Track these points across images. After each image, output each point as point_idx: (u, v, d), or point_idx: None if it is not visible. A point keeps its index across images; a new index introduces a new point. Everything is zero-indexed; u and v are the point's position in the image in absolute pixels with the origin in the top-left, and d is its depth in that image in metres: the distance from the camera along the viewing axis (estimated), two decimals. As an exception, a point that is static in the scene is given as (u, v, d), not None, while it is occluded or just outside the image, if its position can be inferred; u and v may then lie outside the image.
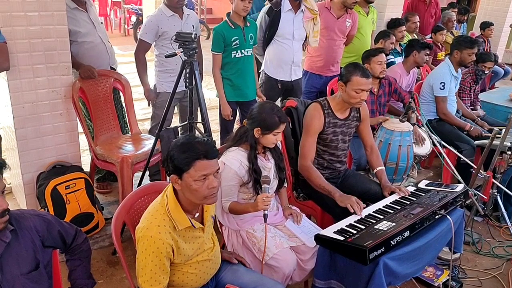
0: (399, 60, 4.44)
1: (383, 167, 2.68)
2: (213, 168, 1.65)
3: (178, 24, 3.24)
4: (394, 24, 4.72)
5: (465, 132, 3.84)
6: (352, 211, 2.25)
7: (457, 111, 4.11)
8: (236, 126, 3.80)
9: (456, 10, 6.37)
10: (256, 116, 2.20)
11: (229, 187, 2.17)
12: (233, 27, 3.29)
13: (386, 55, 3.96)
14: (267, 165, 2.29)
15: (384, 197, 2.47)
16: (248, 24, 3.40)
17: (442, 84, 3.82)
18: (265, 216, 2.04)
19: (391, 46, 4.32)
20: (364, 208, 2.29)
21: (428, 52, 4.14)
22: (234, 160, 2.17)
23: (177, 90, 2.80)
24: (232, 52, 3.36)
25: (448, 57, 4.00)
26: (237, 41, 3.33)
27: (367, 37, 4.44)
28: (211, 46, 3.36)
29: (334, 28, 3.95)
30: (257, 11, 3.53)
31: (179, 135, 2.83)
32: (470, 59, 3.89)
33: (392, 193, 2.48)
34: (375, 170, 2.68)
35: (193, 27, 3.35)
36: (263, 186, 2.10)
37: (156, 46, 3.33)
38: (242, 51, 3.40)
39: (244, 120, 2.29)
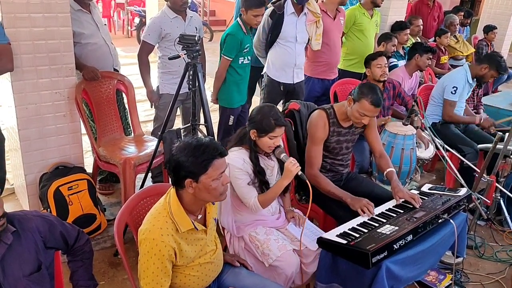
0: (402, 63, 4.44)
1: (393, 169, 2.62)
2: (226, 164, 1.72)
3: (181, 26, 3.24)
4: (399, 27, 4.72)
5: (476, 125, 3.84)
6: (364, 214, 2.26)
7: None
8: None
9: (462, 14, 6.34)
10: (253, 118, 2.20)
11: (243, 183, 2.16)
12: (246, 33, 3.35)
13: (388, 57, 3.95)
14: (270, 164, 2.29)
15: (386, 200, 2.46)
16: (251, 32, 3.47)
17: (455, 88, 3.77)
18: (301, 175, 2.11)
19: (392, 48, 4.32)
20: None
21: (431, 56, 4.13)
22: (237, 158, 2.17)
23: (180, 92, 2.81)
24: (240, 58, 3.40)
25: (469, 64, 3.93)
26: (247, 48, 3.39)
27: (371, 40, 4.44)
28: (223, 49, 3.33)
29: (334, 30, 3.95)
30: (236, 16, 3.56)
31: (182, 137, 2.83)
32: (488, 80, 3.87)
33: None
34: (385, 172, 2.61)
35: (196, 29, 3.35)
36: (282, 155, 2.16)
37: (159, 48, 3.34)
38: (249, 57, 3.47)
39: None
